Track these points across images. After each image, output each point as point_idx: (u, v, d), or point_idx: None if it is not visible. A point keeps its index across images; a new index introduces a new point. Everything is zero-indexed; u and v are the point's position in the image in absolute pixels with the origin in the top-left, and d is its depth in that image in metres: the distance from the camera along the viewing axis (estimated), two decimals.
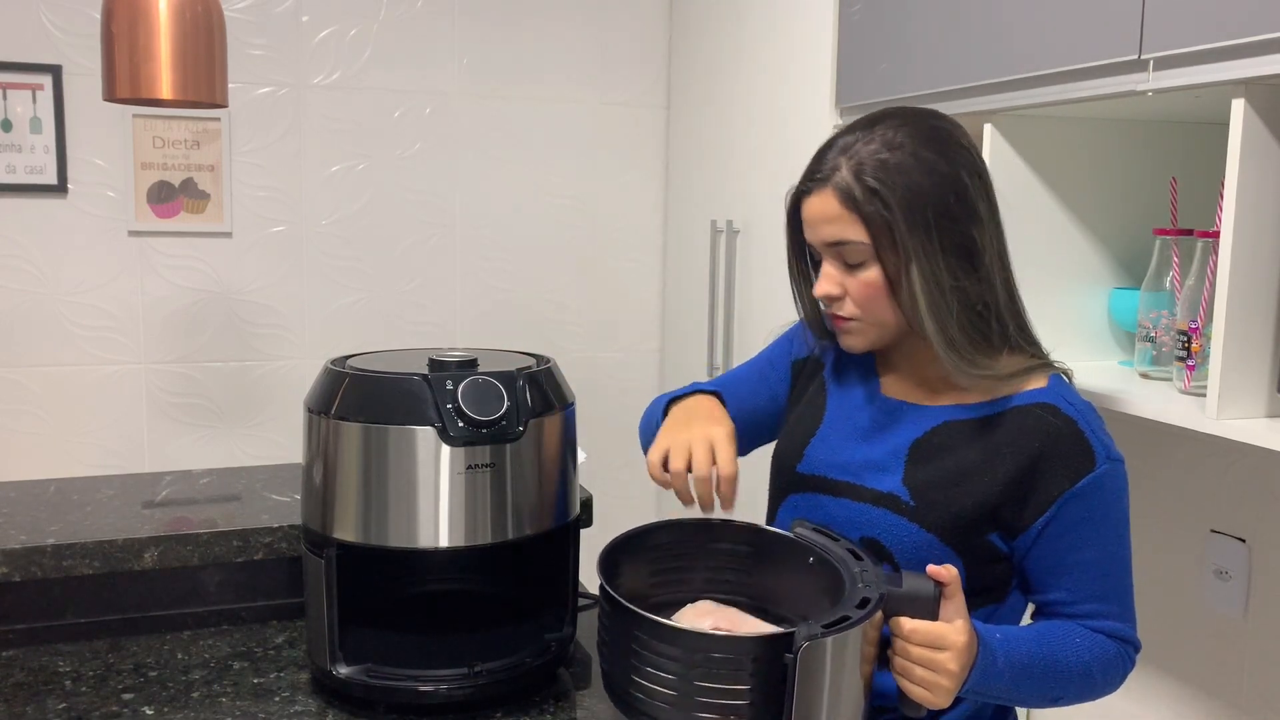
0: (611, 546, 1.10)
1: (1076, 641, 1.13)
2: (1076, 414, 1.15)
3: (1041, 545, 1.14)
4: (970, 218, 1.13)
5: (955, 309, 1.12)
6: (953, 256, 1.12)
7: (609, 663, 1.03)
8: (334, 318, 2.82)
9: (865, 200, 1.11)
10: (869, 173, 1.11)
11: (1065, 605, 1.16)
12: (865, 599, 1.00)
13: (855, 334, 1.19)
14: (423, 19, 2.80)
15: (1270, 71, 1.21)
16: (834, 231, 1.14)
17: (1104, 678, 1.14)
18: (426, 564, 1.46)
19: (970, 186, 1.13)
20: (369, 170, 2.80)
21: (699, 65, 2.77)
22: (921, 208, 1.10)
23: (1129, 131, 1.72)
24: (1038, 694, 1.11)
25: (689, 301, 2.87)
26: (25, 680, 1.29)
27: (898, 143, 1.12)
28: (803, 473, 1.25)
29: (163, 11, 1.72)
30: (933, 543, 1.14)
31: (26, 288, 2.58)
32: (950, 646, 1.01)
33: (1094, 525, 1.14)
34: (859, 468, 1.21)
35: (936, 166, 1.12)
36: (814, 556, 1.11)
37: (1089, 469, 1.13)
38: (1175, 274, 1.57)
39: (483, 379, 1.20)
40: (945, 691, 1.02)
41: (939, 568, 1.03)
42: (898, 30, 1.86)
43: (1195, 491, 1.73)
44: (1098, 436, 1.14)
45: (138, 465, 2.70)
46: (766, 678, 0.94)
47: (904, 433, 1.20)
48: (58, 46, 2.53)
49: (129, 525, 1.43)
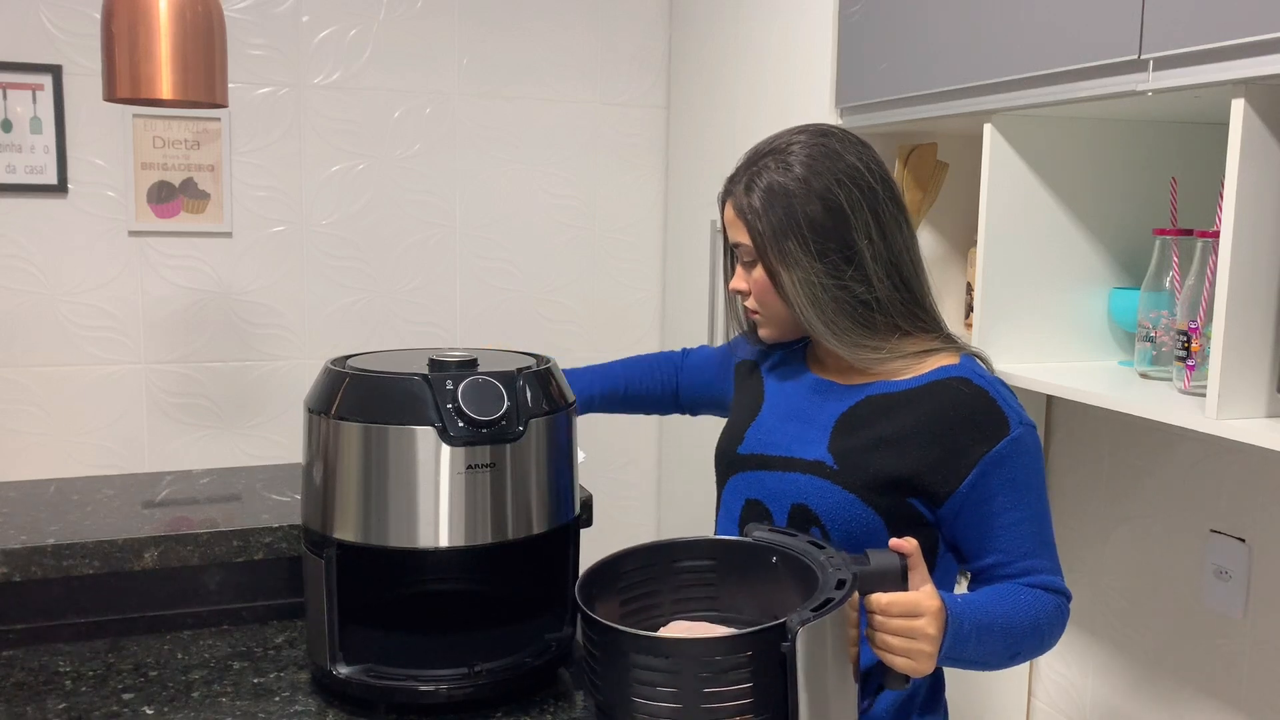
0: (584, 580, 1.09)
1: (1022, 599, 1.20)
2: (987, 384, 1.24)
3: (968, 511, 1.22)
4: (846, 227, 1.25)
5: (832, 305, 1.25)
6: (830, 260, 1.25)
7: (604, 693, 1.01)
8: (334, 318, 2.82)
9: (748, 212, 1.28)
10: (757, 191, 1.27)
11: (1001, 567, 1.23)
12: (841, 580, 1.02)
13: (762, 324, 1.36)
14: (423, 19, 2.80)
15: (1270, 71, 1.21)
16: (732, 235, 1.33)
17: (1050, 630, 1.22)
18: (426, 564, 1.46)
19: (847, 200, 1.25)
20: (369, 170, 2.80)
21: (699, 65, 2.77)
22: (795, 223, 1.25)
23: (1129, 131, 1.72)
24: (1000, 653, 1.18)
25: (689, 301, 2.87)
26: (25, 680, 1.29)
27: (791, 164, 1.27)
28: (742, 454, 1.35)
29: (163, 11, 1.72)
30: (854, 502, 1.22)
31: (26, 288, 2.58)
32: (926, 612, 1.07)
33: (1016, 488, 1.21)
34: (791, 442, 1.30)
35: (818, 188, 1.25)
36: (776, 555, 1.12)
37: (1004, 434, 1.21)
38: (1175, 274, 1.57)
39: (483, 379, 1.20)
40: (927, 657, 1.07)
41: (900, 540, 1.09)
42: (898, 30, 1.86)
43: (1195, 491, 1.73)
44: (1009, 404, 1.23)
45: (138, 465, 2.70)
46: (765, 672, 0.95)
47: (832, 408, 1.30)
48: (58, 46, 2.53)
49: (129, 525, 1.43)
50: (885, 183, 1.29)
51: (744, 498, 1.32)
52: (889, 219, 1.28)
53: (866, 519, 1.22)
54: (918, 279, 1.31)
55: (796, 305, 1.26)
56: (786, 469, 1.28)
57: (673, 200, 2.99)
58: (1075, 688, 1.99)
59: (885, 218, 1.27)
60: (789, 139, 1.30)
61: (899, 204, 1.30)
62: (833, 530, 1.23)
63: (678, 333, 2.97)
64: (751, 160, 1.31)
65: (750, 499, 1.31)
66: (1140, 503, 1.83)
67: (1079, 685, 1.98)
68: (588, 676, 1.05)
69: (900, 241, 1.29)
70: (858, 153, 1.29)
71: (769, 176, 1.27)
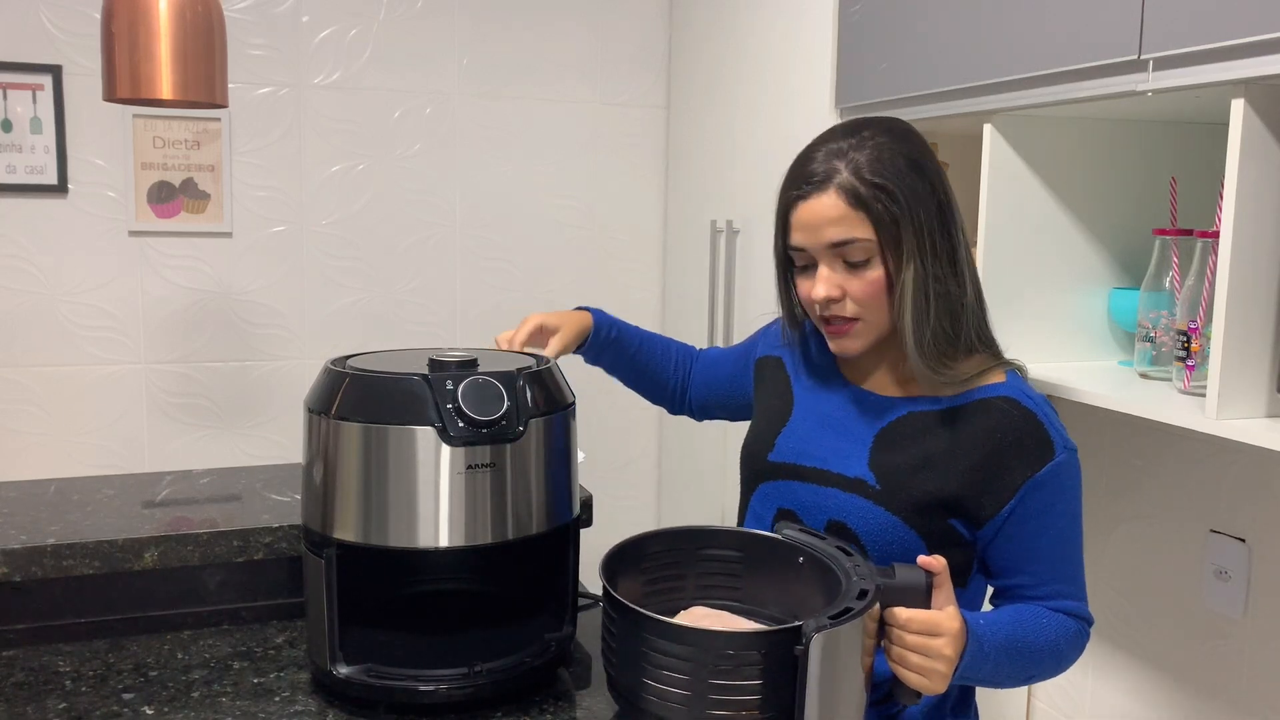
0: (609, 556, 1.11)
1: (1044, 623, 1.19)
2: (1035, 406, 1.21)
3: (1006, 532, 1.20)
4: (954, 219, 1.19)
5: (934, 311, 1.18)
6: (941, 257, 1.18)
7: (616, 668, 1.04)
8: (334, 318, 2.82)
9: (872, 197, 1.15)
10: (870, 171, 1.16)
11: (1028, 589, 1.22)
12: (864, 590, 1.02)
13: (855, 336, 1.23)
14: (423, 19, 2.80)
15: (1270, 71, 1.21)
16: (838, 232, 1.17)
17: (1067, 654, 1.21)
18: (426, 564, 1.46)
19: (945, 190, 1.20)
20: (369, 170, 2.80)
21: (699, 65, 2.77)
22: (919, 207, 1.16)
23: (1129, 131, 1.72)
24: (1017, 674, 1.17)
25: (689, 301, 2.87)
26: (25, 680, 1.29)
27: (887, 145, 1.17)
28: (774, 461, 1.31)
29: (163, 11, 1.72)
30: (897, 524, 1.19)
31: (26, 288, 2.58)
32: (945, 633, 1.05)
33: (1054, 512, 1.19)
34: (827, 454, 1.26)
35: (925, 168, 1.18)
36: (804, 556, 1.13)
37: (1049, 458, 1.18)
38: (1175, 274, 1.57)
39: (483, 379, 1.20)
40: (941, 677, 1.06)
41: (929, 558, 1.07)
42: (898, 30, 1.86)
43: (1195, 491, 1.73)
44: (1055, 427, 1.20)
45: (138, 465, 2.70)
46: (776, 672, 0.95)
47: (871, 421, 1.26)
48: (58, 46, 2.53)
49: (129, 525, 1.43)
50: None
51: (775, 506, 1.30)
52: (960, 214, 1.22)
53: (907, 540, 1.19)
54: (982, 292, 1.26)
55: (903, 308, 1.17)
56: (823, 483, 1.25)
57: (673, 200, 2.99)
58: (1075, 688, 1.99)
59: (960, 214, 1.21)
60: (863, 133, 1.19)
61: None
62: (871, 549, 1.20)
63: (678, 333, 2.97)
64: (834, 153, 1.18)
65: (783, 508, 1.29)
66: (1140, 503, 1.83)
67: (1079, 685, 1.98)
68: (604, 650, 1.07)
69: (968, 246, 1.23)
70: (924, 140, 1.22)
71: (880, 156, 1.16)
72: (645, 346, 1.59)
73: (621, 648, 1.02)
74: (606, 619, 1.06)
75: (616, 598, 1.02)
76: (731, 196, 2.57)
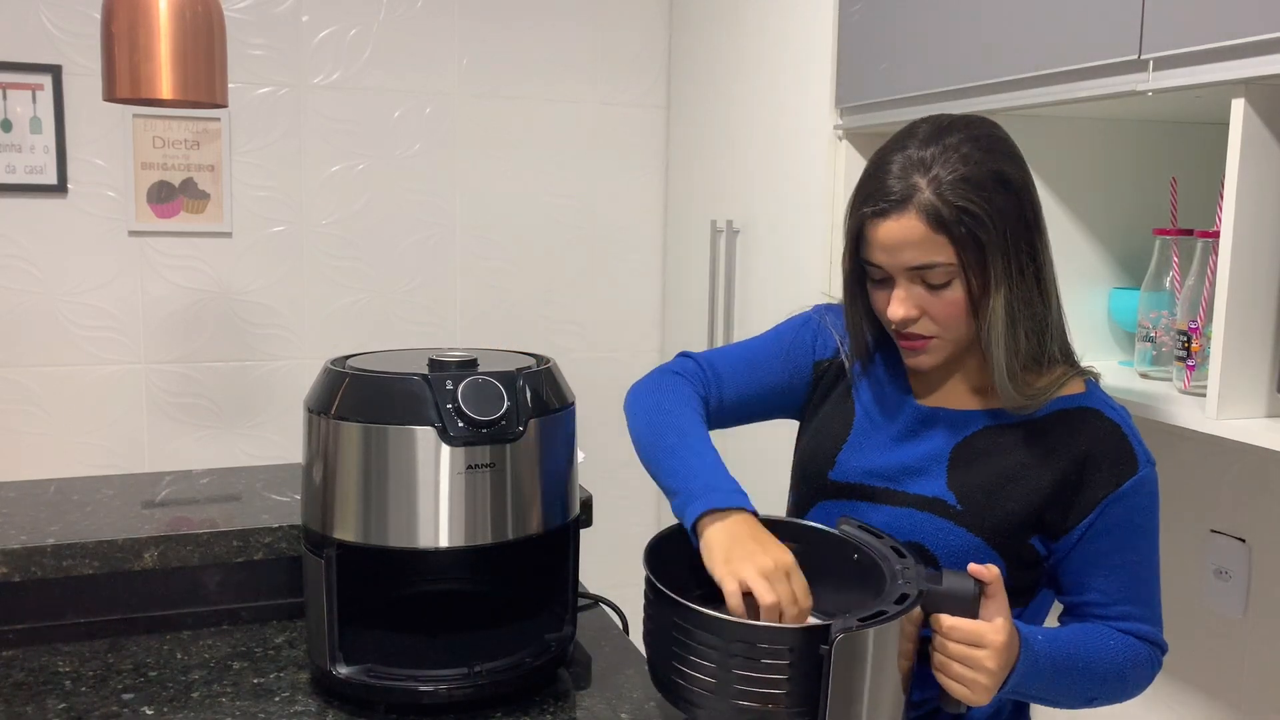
0: (658, 539, 1.12)
1: (1111, 644, 1.14)
2: (1119, 418, 1.16)
3: (1081, 548, 1.15)
4: (1040, 233, 1.13)
5: (1024, 332, 1.11)
6: (1028, 277, 1.11)
7: (653, 650, 1.06)
8: (334, 318, 2.82)
9: (955, 220, 1.07)
10: (952, 192, 1.07)
11: (1098, 607, 1.17)
12: (904, 595, 1.02)
13: (932, 352, 1.16)
14: (423, 19, 2.80)
15: (1270, 71, 1.21)
16: (918, 255, 1.10)
17: (1135, 679, 1.16)
18: (426, 564, 1.46)
19: (1033, 203, 1.12)
20: (369, 170, 2.80)
21: (699, 65, 2.77)
22: (1004, 226, 1.08)
23: (1129, 131, 1.72)
24: (1074, 694, 1.13)
25: (689, 301, 2.87)
26: (25, 680, 1.29)
27: (974, 158, 1.09)
28: (836, 480, 1.23)
29: (163, 11, 1.72)
30: (980, 546, 1.15)
31: (26, 288, 2.58)
32: (989, 645, 1.02)
33: (1132, 529, 1.15)
34: (897, 473, 1.20)
35: (1012, 181, 1.10)
36: (858, 554, 1.12)
37: (1131, 472, 1.14)
38: (1175, 274, 1.57)
39: (483, 379, 1.20)
40: (984, 689, 1.03)
41: (981, 566, 1.03)
42: (898, 30, 1.86)
43: (1195, 491, 1.73)
44: (1138, 440, 1.16)
45: (138, 465, 2.70)
46: (803, 668, 0.96)
47: (943, 438, 1.20)
48: (58, 46, 2.53)
49: (129, 525, 1.43)
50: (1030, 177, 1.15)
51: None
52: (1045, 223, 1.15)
53: (988, 561, 1.13)
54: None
55: (993, 330, 1.10)
56: (896, 503, 1.19)
57: (673, 200, 2.99)
58: None
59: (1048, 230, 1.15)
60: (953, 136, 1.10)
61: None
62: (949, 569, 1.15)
63: (678, 333, 2.97)
64: (915, 165, 1.09)
65: None
66: None
67: None
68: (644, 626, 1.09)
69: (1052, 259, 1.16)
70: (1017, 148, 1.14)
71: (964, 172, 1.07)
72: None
73: (657, 630, 1.05)
74: (646, 602, 1.07)
75: (654, 581, 1.04)
76: (731, 196, 2.57)
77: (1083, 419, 1.15)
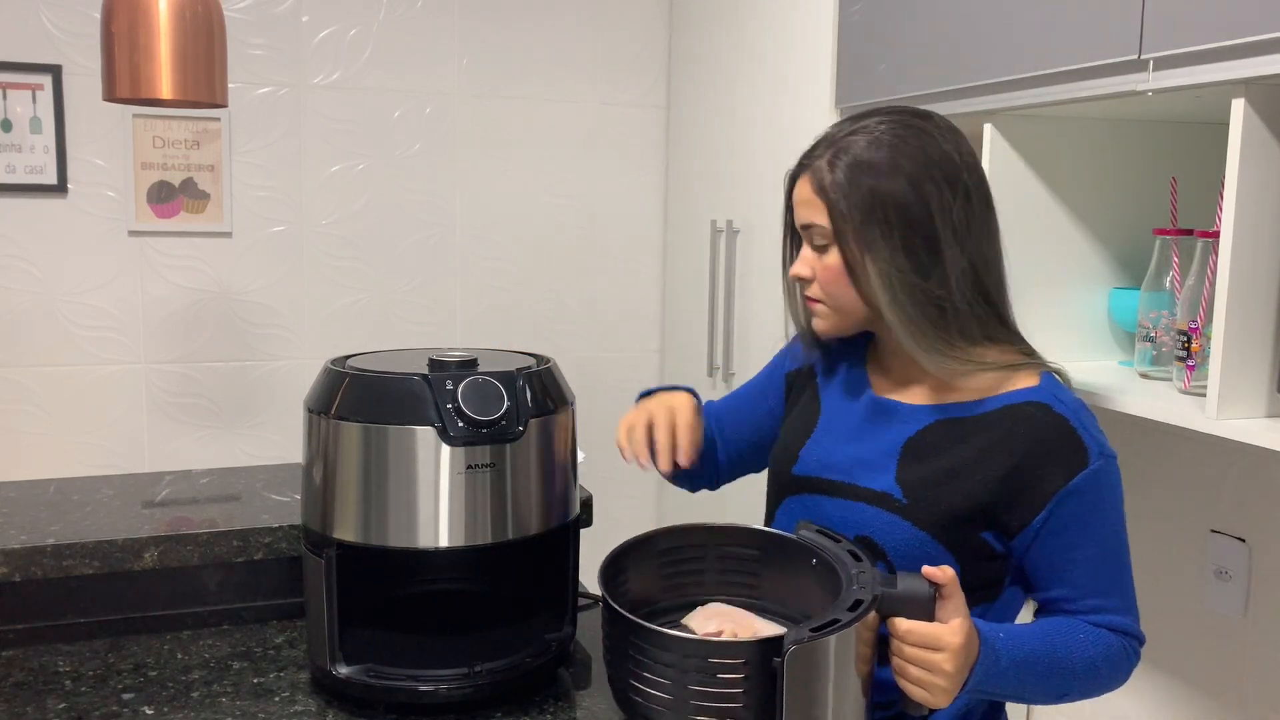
0: (615, 554, 1.12)
1: (1080, 637, 1.14)
2: (1068, 412, 1.16)
3: (1041, 543, 1.15)
4: (933, 223, 1.15)
5: (910, 302, 1.16)
6: (914, 255, 1.15)
7: (611, 667, 1.05)
8: (334, 318, 2.82)
9: (830, 189, 1.17)
10: (841, 166, 1.16)
11: (1068, 602, 1.17)
12: (857, 601, 1.01)
13: (821, 316, 1.24)
14: (423, 19, 2.80)
15: (1270, 71, 1.21)
16: (805, 214, 1.21)
17: (1110, 673, 1.15)
18: (426, 564, 1.46)
19: (937, 193, 1.15)
20: (369, 170, 2.80)
21: (699, 65, 2.77)
22: (881, 208, 1.15)
23: (1129, 131, 1.72)
24: (1044, 691, 1.12)
25: (689, 301, 2.87)
26: (25, 680, 1.29)
27: (882, 143, 1.16)
28: (798, 474, 1.27)
29: (163, 11, 1.72)
30: (925, 540, 1.15)
31: (26, 288, 2.58)
32: (945, 648, 1.02)
33: (1092, 522, 1.15)
34: (851, 466, 1.22)
35: (908, 172, 1.15)
36: (816, 558, 1.12)
37: (1082, 466, 1.13)
38: (1175, 274, 1.57)
39: (483, 379, 1.20)
40: (942, 691, 1.03)
41: (935, 569, 1.03)
42: (898, 30, 1.86)
43: (1195, 491, 1.73)
44: (1090, 433, 1.15)
45: (138, 465, 2.70)
46: (759, 681, 0.95)
47: (896, 431, 1.22)
48: (58, 46, 2.53)
49: (129, 525, 1.43)
50: (980, 181, 1.19)
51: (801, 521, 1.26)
52: (980, 223, 1.18)
53: (935, 555, 1.15)
54: (1000, 291, 1.21)
55: (872, 297, 1.17)
56: (850, 497, 1.21)
57: (673, 200, 2.99)
58: None
59: (976, 221, 1.17)
60: (879, 116, 1.19)
61: (989, 205, 1.20)
62: (899, 565, 1.16)
63: (678, 333, 2.97)
64: (836, 136, 1.20)
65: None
66: (1140, 503, 1.83)
67: None
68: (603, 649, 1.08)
69: (988, 249, 1.19)
70: (955, 144, 1.18)
71: (856, 152, 1.16)
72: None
73: (614, 647, 1.04)
74: (603, 619, 1.07)
75: (608, 599, 1.03)
76: (731, 196, 2.57)
77: (1030, 413, 1.15)
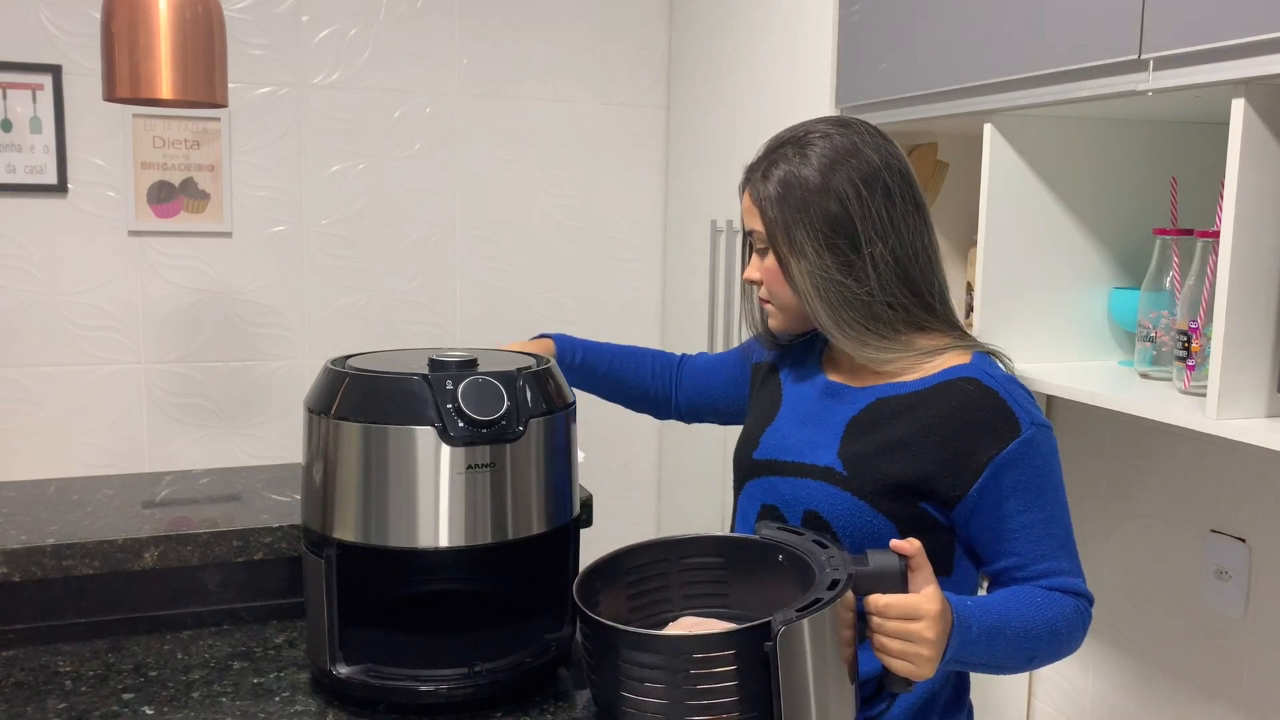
0: (586, 573, 1.11)
1: (1039, 601, 1.19)
2: (997, 385, 1.22)
3: (981, 514, 1.20)
4: (855, 225, 1.24)
5: (837, 298, 1.25)
6: (838, 255, 1.24)
7: (598, 688, 1.04)
8: (334, 318, 2.82)
9: (763, 200, 1.28)
10: (773, 180, 1.27)
11: (1018, 569, 1.21)
12: (835, 580, 1.02)
13: (772, 315, 1.36)
14: (423, 19, 2.80)
15: (1270, 71, 1.21)
16: (748, 222, 1.33)
17: (1069, 633, 1.20)
18: (426, 564, 1.46)
19: (859, 198, 1.24)
20: (369, 170, 2.80)
21: (699, 65, 2.77)
22: (806, 215, 1.25)
23: (1129, 131, 1.72)
24: (1013, 657, 1.16)
25: (689, 301, 2.87)
26: (25, 680, 1.29)
27: (808, 152, 1.26)
28: (758, 459, 1.34)
29: (163, 11, 1.72)
30: (865, 509, 1.21)
31: (26, 288, 2.58)
32: (924, 615, 1.05)
33: (1030, 490, 1.20)
34: (801, 447, 1.29)
35: (830, 180, 1.24)
36: (783, 554, 1.12)
37: (1014, 435, 1.19)
38: (1175, 274, 1.57)
39: (483, 379, 1.20)
40: (926, 660, 1.06)
41: (902, 541, 1.07)
42: (898, 30, 1.86)
43: (1195, 491, 1.73)
44: (1020, 405, 1.21)
45: (138, 465, 2.70)
46: (750, 671, 0.95)
47: (842, 411, 1.29)
48: (58, 46, 2.53)
49: (129, 525, 1.43)
50: (904, 181, 1.27)
51: (759, 503, 1.32)
52: (903, 220, 1.26)
53: (877, 525, 1.20)
54: (929, 282, 1.28)
55: (803, 295, 1.26)
56: (798, 474, 1.27)
57: (673, 200, 2.99)
58: (1075, 688, 1.99)
59: (899, 218, 1.25)
60: (809, 128, 1.29)
61: (917, 203, 1.28)
62: (844, 536, 1.22)
63: (678, 332, 2.97)
64: (771, 149, 1.31)
65: (765, 504, 1.31)
66: (1140, 503, 1.83)
67: (1079, 685, 1.98)
68: (585, 671, 1.07)
69: (914, 243, 1.27)
70: (878, 148, 1.27)
71: (785, 166, 1.27)
72: (617, 363, 1.62)
73: (597, 664, 1.02)
74: (582, 637, 1.05)
75: (587, 614, 1.02)
76: (732, 196, 2.57)
77: (960, 388, 1.22)
